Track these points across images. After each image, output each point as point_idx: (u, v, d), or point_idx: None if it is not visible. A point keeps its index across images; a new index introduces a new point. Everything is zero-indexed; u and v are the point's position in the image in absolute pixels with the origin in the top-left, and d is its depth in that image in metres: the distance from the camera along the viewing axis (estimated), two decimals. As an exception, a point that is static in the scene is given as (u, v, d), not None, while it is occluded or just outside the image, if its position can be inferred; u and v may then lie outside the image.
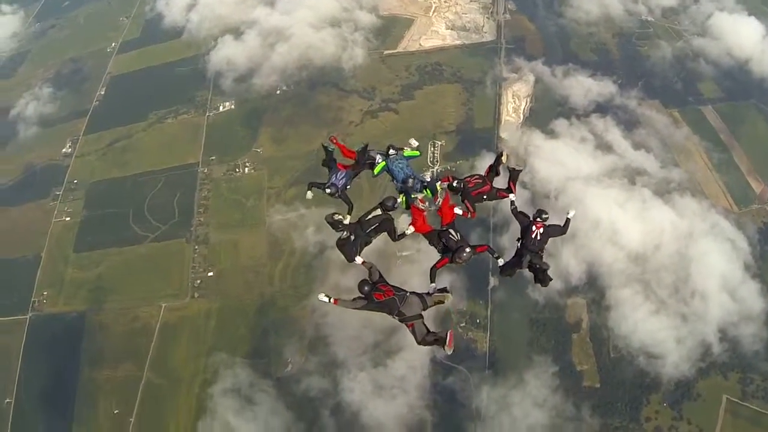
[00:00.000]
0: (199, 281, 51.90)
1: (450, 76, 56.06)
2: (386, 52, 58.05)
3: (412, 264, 43.56)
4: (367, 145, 12.06)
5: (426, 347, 10.33)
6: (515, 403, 44.61)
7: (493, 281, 50.25)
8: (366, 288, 9.97)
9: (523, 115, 55.37)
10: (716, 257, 45.64)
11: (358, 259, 10.54)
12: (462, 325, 48.80)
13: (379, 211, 10.76)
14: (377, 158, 11.58)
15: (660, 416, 41.45)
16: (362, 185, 41.33)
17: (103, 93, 64.56)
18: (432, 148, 52.44)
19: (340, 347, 45.59)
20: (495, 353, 47.46)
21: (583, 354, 47.48)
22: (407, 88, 55.42)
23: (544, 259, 10.80)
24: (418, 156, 11.93)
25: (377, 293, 9.92)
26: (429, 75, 56.16)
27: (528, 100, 56.15)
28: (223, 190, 54.29)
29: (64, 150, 62.09)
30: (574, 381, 45.02)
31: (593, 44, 60.87)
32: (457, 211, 11.00)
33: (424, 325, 10.04)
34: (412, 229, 10.89)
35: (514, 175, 11.37)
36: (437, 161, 52.02)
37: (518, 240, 10.90)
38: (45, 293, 56.33)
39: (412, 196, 11.05)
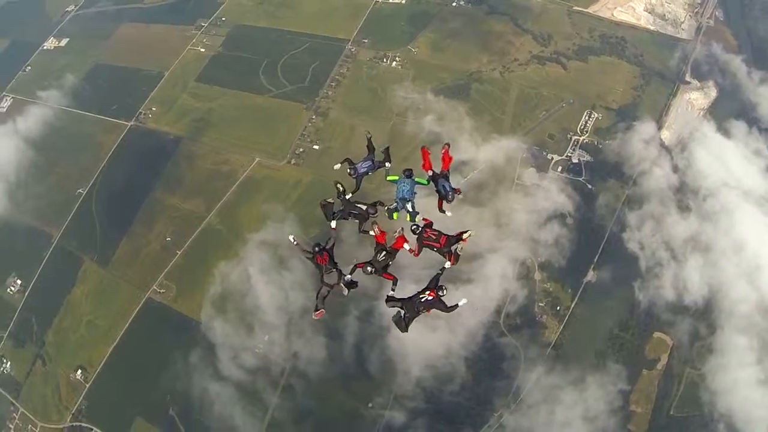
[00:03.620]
0: (301, 150, 50.60)
1: (631, 56, 51.76)
2: (575, 7, 54.45)
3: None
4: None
5: None
6: (563, 401, 40.12)
7: (591, 275, 45.77)
8: (316, 249, 13.28)
9: (690, 126, 50.23)
10: None
11: (333, 224, 13.75)
12: (540, 304, 44.73)
13: (364, 207, 13.69)
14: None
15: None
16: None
17: (282, -51, 64.71)
18: (587, 117, 48.68)
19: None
20: (560, 348, 43.33)
21: (644, 396, 42.71)
22: (584, 50, 51.76)
23: None
24: (425, 184, 14.16)
25: (319, 256, 13.16)
26: (610, 46, 52.16)
27: (701, 113, 50.89)
28: (362, 74, 52.66)
29: (224, -12, 62.89)
30: (620, 418, 40.50)
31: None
32: (406, 246, 13.29)
33: (328, 293, 13.18)
34: (374, 233, 13.56)
35: (455, 255, 13.11)
36: (587, 132, 48.12)
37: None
38: (153, 109, 57.19)
39: (394, 214, 13.95)
